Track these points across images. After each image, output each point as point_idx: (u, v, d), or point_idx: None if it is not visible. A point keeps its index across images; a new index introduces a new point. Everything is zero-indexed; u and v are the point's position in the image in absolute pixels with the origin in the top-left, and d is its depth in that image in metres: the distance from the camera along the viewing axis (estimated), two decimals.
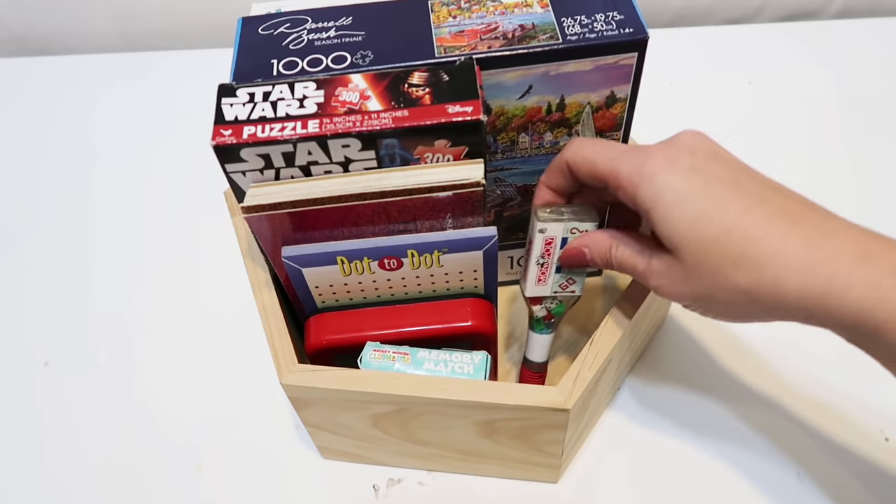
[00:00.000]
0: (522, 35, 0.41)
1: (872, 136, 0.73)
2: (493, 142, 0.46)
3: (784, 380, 0.54)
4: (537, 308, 0.44)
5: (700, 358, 0.56)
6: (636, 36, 0.41)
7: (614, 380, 0.52)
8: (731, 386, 0.54)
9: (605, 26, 0.41)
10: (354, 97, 0.39)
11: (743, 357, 0.55)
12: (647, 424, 0.53)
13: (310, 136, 0.37)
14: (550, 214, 0.41)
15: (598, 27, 0.41)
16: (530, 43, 0.41)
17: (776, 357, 0.55)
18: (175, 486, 0.52)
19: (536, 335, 0.46)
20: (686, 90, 0.80)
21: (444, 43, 0.41)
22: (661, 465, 0.51)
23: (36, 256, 0.69)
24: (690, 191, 0.36)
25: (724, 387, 0.54)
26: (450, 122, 0.37)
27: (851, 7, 0.91)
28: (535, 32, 0.41)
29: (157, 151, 0.78)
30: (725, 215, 0.36)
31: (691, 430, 0.52)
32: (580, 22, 0.41)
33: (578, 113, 0.45)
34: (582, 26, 0.41)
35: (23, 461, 0.55)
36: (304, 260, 0.42)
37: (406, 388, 0.42)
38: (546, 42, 0.41)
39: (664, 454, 0.51)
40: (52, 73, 0.89)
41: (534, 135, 0.46)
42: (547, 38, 0.41)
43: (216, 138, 0.38)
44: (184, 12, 0.91)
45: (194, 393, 0.57)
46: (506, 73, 0.42)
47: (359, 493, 0.51)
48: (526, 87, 0.43)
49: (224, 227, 0.51)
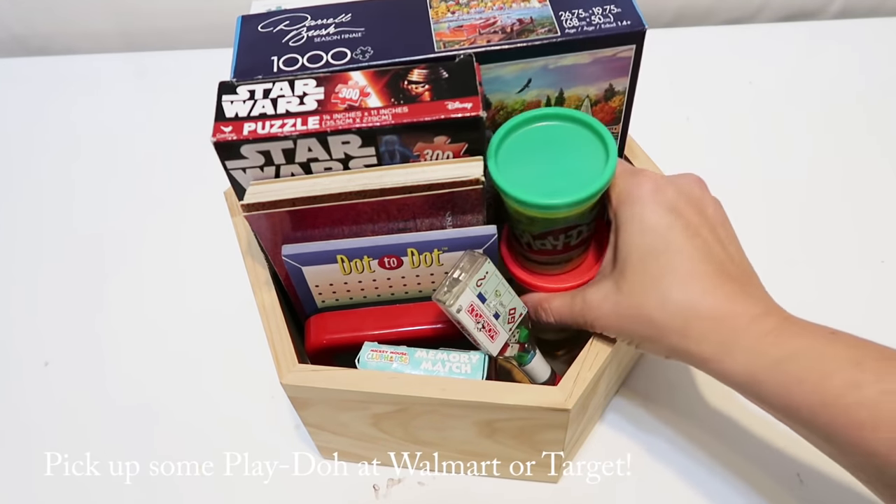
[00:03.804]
0: (521, 29, 0.41)
1: (873, 136, 0.73)
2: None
3: None
4: (508, 352, 0.44)
5: None
6: (634, 28, 0.41)
7: (614, 380, 0.52)
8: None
9: (603, 19, 0.41)
10: (354, 94, 0.39)
11: None
12: (646, 424, 0.53)
13: (310, 133, 0.38)
14: (449, 290, 0.40)
15: (596, 20, 0.41)
16: (529, 37, 0.41)
17: None
18: (175, 485, 0.52)
19: (527, 366, 0.46)
20: (686, 90, 0.80)
21: (443, 38, 0.41)
22: (660, 465, 0.51)
23: (36, 256, 0.69)
24: (655, 227, 0.39)
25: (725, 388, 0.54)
26: (449, 118, 0.38)
27: (851, 7, 0.91)
28: (534, 26, 0.41)
29: (157, 151, 0.78)
30: (670, 259, 0.38)
31: (691, 430, 0.52)
32: (578, 15, 0.42)
33: (577, 106, 0.45)
34: (580, 19, 0.41)
35: (23, 461, 0.55)
36: (305, 258, 0.42)
37: (406, 388, 0.41)
38: (544, 35, 0.41)
39: (664, 454, 0.51)
40: (52, 73, 0.89)
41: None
42: (545, 31, 0.41)
43: (216, 135, 0.38)
44: (184, 12, 0.91)
45: (194, 393, 0.57)
46: (505, 66, 0.42)
47: (359, 493, 0.51)
48: (525, 81, 0.43)
49: (224, 227, 0.51)
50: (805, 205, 0.67)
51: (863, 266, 0.62)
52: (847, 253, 0.62)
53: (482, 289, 0.41)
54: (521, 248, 0.47)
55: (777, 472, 0.50)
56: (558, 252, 0.45)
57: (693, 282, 0.38)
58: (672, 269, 0.38)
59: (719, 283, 0.38)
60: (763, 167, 0.71)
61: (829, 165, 0.71)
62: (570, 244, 0.45)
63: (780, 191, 0.68)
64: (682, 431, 0.52)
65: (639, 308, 0.39)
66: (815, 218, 0.66)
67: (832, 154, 0.72)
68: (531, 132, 0.43)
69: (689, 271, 0.38)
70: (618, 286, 0.40)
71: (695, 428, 0.52)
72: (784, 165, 0.71)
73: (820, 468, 0.49)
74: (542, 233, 0.43)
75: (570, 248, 0.45)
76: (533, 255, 0.46)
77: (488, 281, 0.41)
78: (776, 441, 0.51)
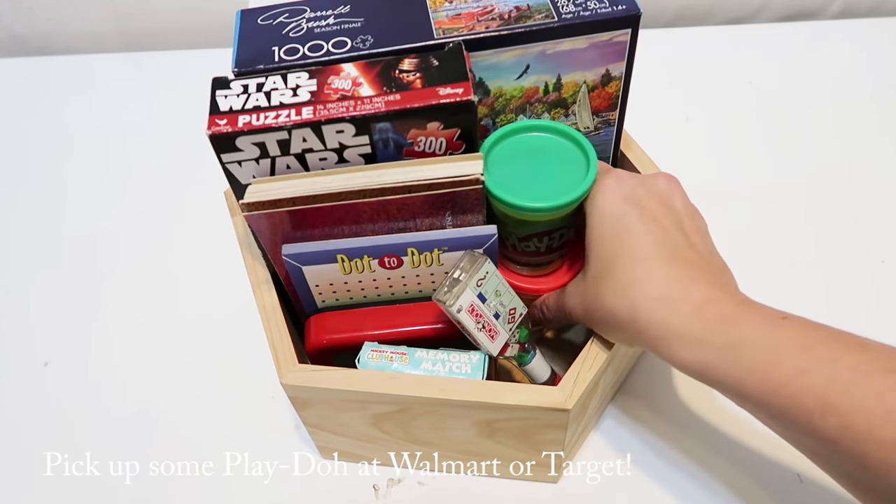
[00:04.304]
0: (518, 15, 0.42)
1: (872, 136, 0.73)
2: (493, 124, 0.46)
3: None
4: (508, 352, 0.44)
5: None
6: (629, 12, 0.41)
7: (614, 380, 0.51)
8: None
9: (599, 4, 0.42)
10: (347, 84, 0.39)
11: None
12: (646, 425, 0.53)
13: (304, 123, 0.38)
14: (449, 290, 0.40)
15: (592, 5, 0.42)
16: (526, 22, 0.41)
17: None
18: (175, 485, 0.52)
19: (527, 366, 0.46)
20: (686, 90, 0.80)
21: (442, 25, 0.42)
22: (660, 465, 0.51)
23: (36, 256, 0.69)
24: (612, 215, 0.40)
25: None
26: (441, 103, 0.38)
27: (851, 7, 0.91)
28: (531, 12, 0.42)
29: (157, 151, 0.78)
30: (623, 242, 0.39)
31: (691, 430, 0.52)
32: (574, 1, 0.42)
33: (575, 93, 0.45)
34: (576, 5, 0.42)
35: (23, 461, 0.54)
36: (305, 258, 0.42)
37: (406, 388, 0.41)
38: (541, 21, 0.41)
39: (664, 454, 0.51)
40: (51, 73, 0.89)
41: (532, 116, 0.47)
42: (542, 17, 0.42)
43: (212, 128, 0.38)
44: (184, 12, 0.91)
45: (194, 393, 0.57)
46: (503, 52, 0.42)
47: (359, 493, 0.51)
48: (523, 67, 0.43)
49: (224, 227, 0.51)
50: (805, 204, 0.67)
51: (863, 266, 0.62)
52: (847, 253, 0.62)
53: (482, 289, 0.41)
54: (506, 251, 0.49)
55: (777, 473, 0.50)
56: (542, 254, 0.47)
57: (640, 264, 0.38)
58: (623, 253, 0.39)
59: (668, 266, 0.38)
60: (763, 167, 0.71)
61: (830, 165, 0.71)
62: (553, 246, 0.47)
63: (781, 190, 0.68)
64: (682, 431, 0.52)
65: (596, 294, 0.40)
66: (814, 217, 0.66)
67: (833, 154, 0.72)
68: (520, 140, 0.45)
69: (639, 255, 0.38)
70: (584, 276, 0.42)
71: (694, 428, 0.52)
72: (784, 165, 0.71)
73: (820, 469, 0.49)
74: (528, 235, 0.45)
75: (553, 251, 0.47)
76: (518, 256, 0.48)
77: (488, 281, 0.41)
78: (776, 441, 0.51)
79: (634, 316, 0.37)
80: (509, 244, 0.47)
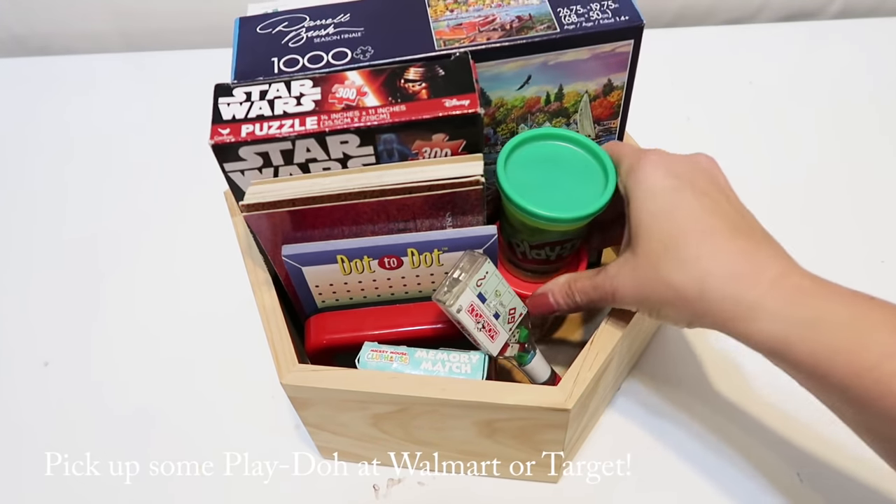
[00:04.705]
0: (520, 26, 0.42)
1: (872, 136, 0.73)
2: (494, 133, 0.46)
3: (783, 380, 0.54)
4: (508, 352, 0.44)
5: (699, 359, 0.56)
6: (632, 23, 0.41)
7: (614, 380, 0.51)
8: (730, 387, 0.54)
9: (601, 15, 0.42)
10: (351, 94, 0.39)
11: (743, 358, 0.55)
12: (646, 425, 0.53)
13: (308, 133, 0.37)
14: (449, 290, 0.40)
15: (594, 16, 0.42)
16: (528, 34, 0.41)
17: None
18: (175, 485, 0.52)
19: (527, 366, 0.46)
20: (686, 90, 0.80)
21: (443, 36, 0.42)
22: (660, 465, 0.51)
23: (37, 256, 0.69)
24: (663, 189, 0.39)
25: (724, 387, 0.54)
26: (447, 115, 0.38)
27: (851, 7, 0.91)
28: (533, 23, 0.42)
29: (157, 151, 0.78)
30: (679, 217, 0.38)
31: (691, 430, 0.52)
32: (576, 11, 0.42)
33: (576, 102, 0.45)
34: (578, 16, 0.42)
35: (23, 461, 0.54)
36: (305, 258, 0.42)
37: (406, 388, 0.41)
38: (544, 32, 0.41)
39: (664, 454, 0.51)
40: (51, 73, 0.89)
41: (533, 125, 0.46)
42: (544, 28, 0.41)
43: (214, 137, 0.38)
44: (183, 12, 0.91)
45: (194, 393, 0.57)
46: (505, 63, 0.42)
47: (359, 493, 0.51)
48: (525, 78, 0.43)
49: (224, 227, 0.51)
50: (805, 204, 0.67)
51: (863, 266, 0.62)
52: (847, 253, 0.62)
53: (482, 289, 0.41)
54: (512, 256, 0.49)
55: (777, 472, 0.50)
56: (551, 262, 0.48)
57: (705, 238, 0.37)
58: (683, 228, 0.37)
59: (732, 239, 0.36)
60: (763, 167, 0.71)
61: (830, 165, 0.71)
62: (563, 255, 0.47)
63: (781, 190, 0.68)
64: (682, 432, 0.52)
65: (655, 271, 0.38)
66: (814, 217, 0.65)
67: (833, 154, 0.72)
68: (537, 147, 0.45)
69: (701, 229, 0.37)
70: (634, 253, 0.39)
71: (694, 428, 0.52)
72: (784, 165, 0.71)
73: (820, 468, 0.49)
74: (541, 243, 0.45)
75: (562, 259, 0.48)
76: (527, 263, 0.48)
77: (488, 281, 0.41)
78: (776, 441, 0.51)
79: (704, 291, 0.36)
80: (519, 251, 0.47)
